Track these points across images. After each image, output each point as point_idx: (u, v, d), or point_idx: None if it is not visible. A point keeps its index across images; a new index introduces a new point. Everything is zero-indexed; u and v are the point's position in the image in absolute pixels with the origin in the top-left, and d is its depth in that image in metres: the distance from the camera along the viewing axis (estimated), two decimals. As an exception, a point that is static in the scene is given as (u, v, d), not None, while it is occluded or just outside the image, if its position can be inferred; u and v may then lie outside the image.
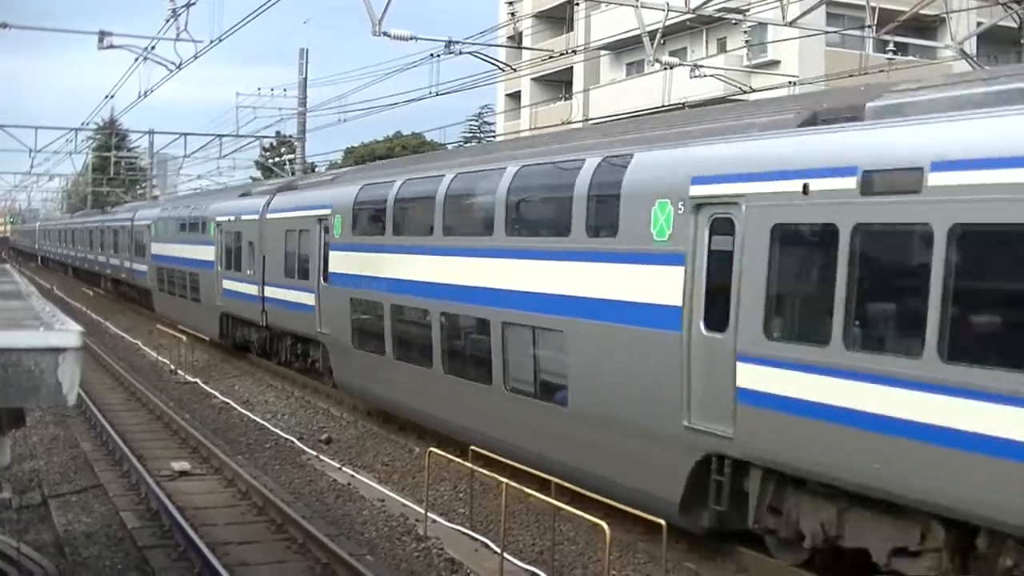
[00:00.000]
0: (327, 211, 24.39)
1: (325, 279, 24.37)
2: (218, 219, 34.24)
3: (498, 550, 13.76)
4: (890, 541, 11.16)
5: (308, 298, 25.68)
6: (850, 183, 11.11)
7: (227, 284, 32.93)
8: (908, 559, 11.01)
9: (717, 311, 12.67)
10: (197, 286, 36.13)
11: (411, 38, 23.57)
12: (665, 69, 27.43)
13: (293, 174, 46.58)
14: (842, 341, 11.08)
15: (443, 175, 19.52)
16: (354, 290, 22.43)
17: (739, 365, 12.22)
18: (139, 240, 47.56)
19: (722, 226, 12.79)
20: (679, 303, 13.11)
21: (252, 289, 30.26)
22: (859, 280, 11.07)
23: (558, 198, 16.01)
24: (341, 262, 23.25)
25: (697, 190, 13.03)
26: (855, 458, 10.97)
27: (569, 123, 47.84)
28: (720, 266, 12.70)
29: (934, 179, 10.31)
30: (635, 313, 13.90)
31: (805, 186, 11.63)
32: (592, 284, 14.79)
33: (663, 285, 13.41)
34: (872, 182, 10.94)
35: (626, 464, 14.18)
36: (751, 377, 12.12)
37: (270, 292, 28.90)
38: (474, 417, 17.91)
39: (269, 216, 29.43)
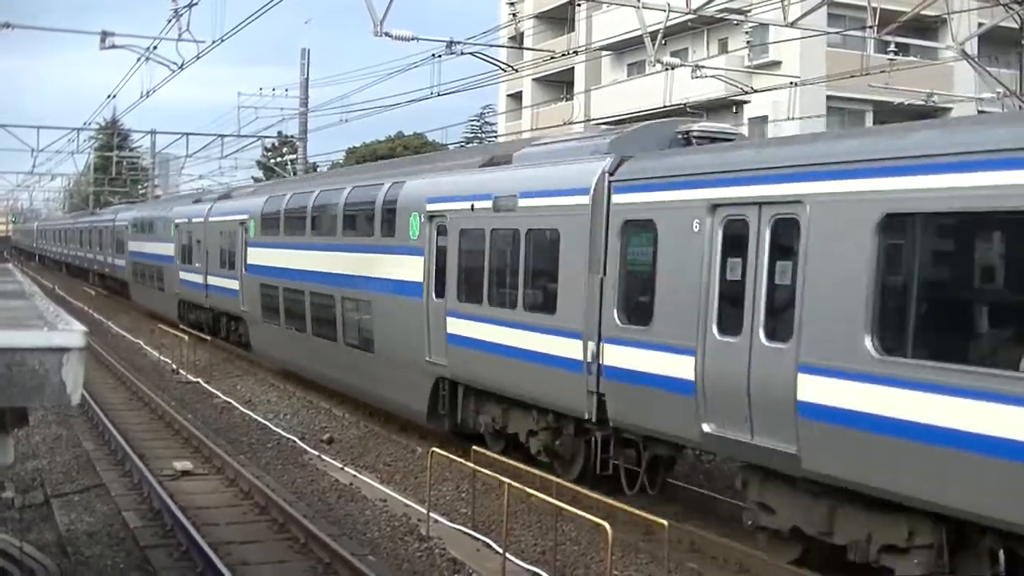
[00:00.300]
0: (246, 216, 30.86)
1: (245, 269, 30.86)
2: (176, 221, 40.58)
3: (500, 550, 13.77)
4: (527, 427, 17.48)
5: (234, 284, 32.18)
6: (489, 204, 17.94)
7: (182, 275, 39.16)
8: (535, 437, 17.30)
9: (440, 285, 19.36)
10: (162, 277, 42.70)
11: (412, 38, 23.60)
12: (666, 70, 27.45)
13: (295, 174, 46.75)
14: (487, 301, 17.96)
15: (313, 191, 26.26)
16: (262, 277, 29.03)
17: (448, 319, 18.91)
18: (119, 239, 53.68)
19: (441, 230, 19.46)
20: (421, 280, 19.87)
21: (199, 278, 36.67)
22: (495, 262, 17.90)
23: (368, 209, 22.45)
24: (254, 256, 29.93)
25: (429, 207, 19.86)
26: (497, 374, 17.66)
27: (571, 123, 47.88)
28: (441, 256, 19.41)
29: (521, 203, 17.23)
30: (403, 287, 20.58)
31: (472, 205, 18.43)
32: (383, 268, 21.39)
33: (415, 269, 20.10)
34: (498, 204, 17.71)
35: (402, 388, 20.77)
36: (453, 326, 18.79)
37: (211, 280, 35.29)
38: (329, 365, 24.72)
39: (210, 219, 35.70)
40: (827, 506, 12.20)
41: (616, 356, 14.91)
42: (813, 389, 11.76)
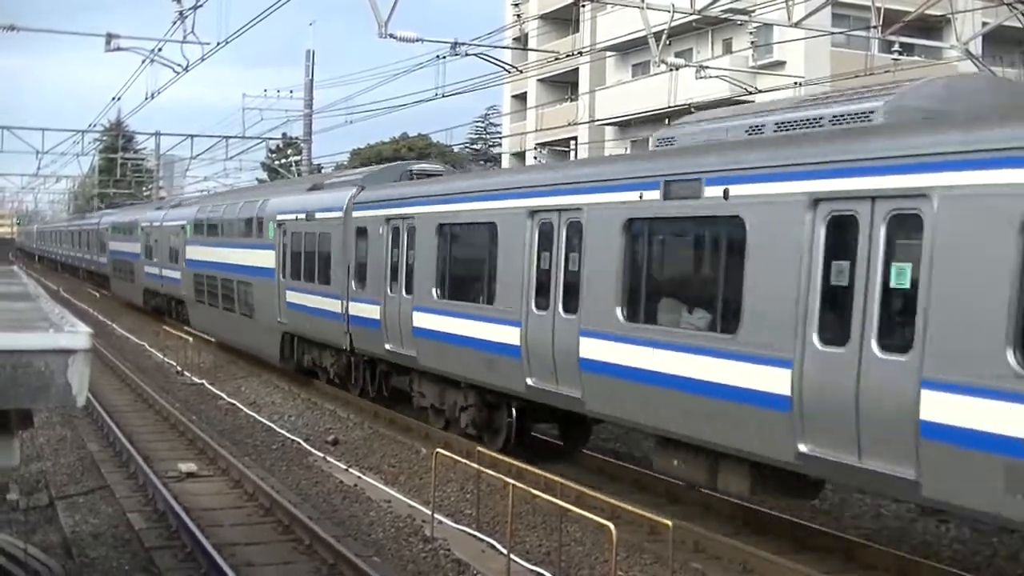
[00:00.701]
0: (186, 221, 39.71)
1: (184, 263, 39.45)
2: (142, 224, 49.42)
3: (505, 551, 13.77)
4: (328, 361, 26.46)
5: (178, 274, 40.78)
6: (304, 216, 26.71)
7: (146, 269, 47.62)
8: (332, 367, 26.29)
9: (283, 269, 28.16)
10: (132, 271, 50.99)
11: (417, 40, 23.59)
12: (671, 70, 27.46)
13: (299, 175, 46.80)
14: (303, 277, 26.62)
15: (224, 204, 35.59)
16: (194, 269, 37.74)
17: (287, 292, 27.72)
18: (102, 240, 62.16)
19: (284, 232, 28.15)
20: (275, 267, 28.64)
21: (157, 271, 45.39)
22: (306, 254, 26.45)
23: (250, 218, 31.24)
24: (189, 252, 38.61)
25: (278, 216, 28.64)
26: (308, 326, 26.50)
27: (575, 124, 47.84)
28: (283, 250, 28.23)
29: (316, 215, 25.98)
30: (266, 272, 29.22)
31: (296, 216, 27.20)
32: (257, 260, 30.10)
33: (271, 259, 28.89)
34: (308, 216, 26.39)
35: (267, 341, 29.60)
36: (290, 296, 27.64)
37: (164, 272, 43.87)
38: (232, 331, 33.78)
39: (164, 224, 44.39)
40: (439, 388, 20.81)
41: (354, 309, 23.77)
42: (418, 319, 20.64)
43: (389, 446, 21.14)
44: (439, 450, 16.82)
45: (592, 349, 15.50)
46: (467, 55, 26.10)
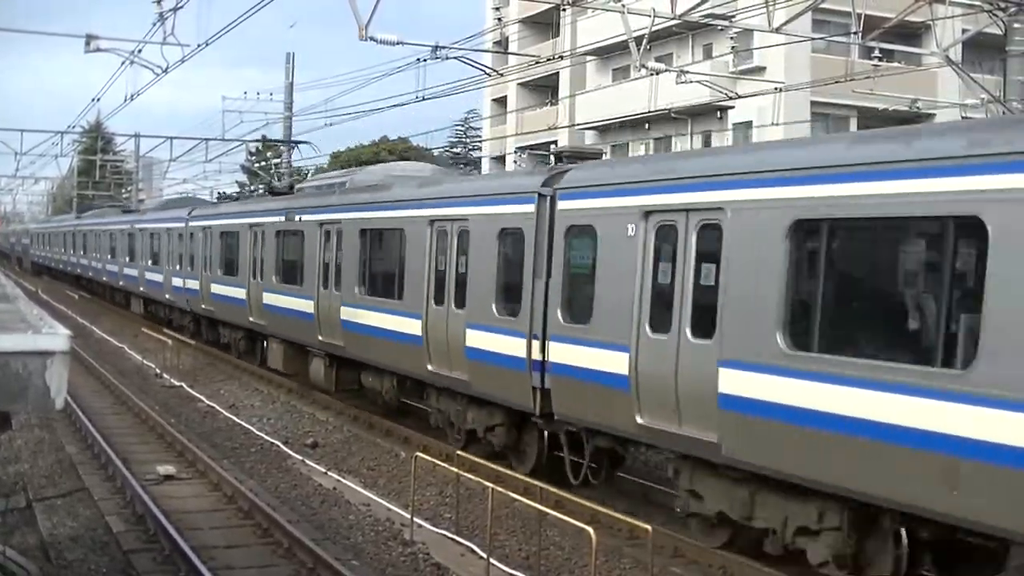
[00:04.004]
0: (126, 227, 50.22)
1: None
2: (85, 230, 61.90)
3: (484, 555, 13.76)
4: (184, 321, 39.45)
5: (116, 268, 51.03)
6: (169, 226, 39.81)
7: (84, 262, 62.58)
8: (185, 324, 39.30)
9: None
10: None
11: (397, 43, 23.50)
12: (651, 75, 27.49)
13: (279, 179, 46.74)
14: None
15: (141, 218, 47.73)
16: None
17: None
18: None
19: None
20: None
21: (97, 265, 56.54)
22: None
23: (160, 231, 41.70)
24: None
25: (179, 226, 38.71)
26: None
27: (555, 128, 47.87)
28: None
29: (168, 224, 40.48)
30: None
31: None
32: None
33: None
34: (170, 228, 39.60)
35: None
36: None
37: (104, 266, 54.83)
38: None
39: (100, 228, 55.66)
40: (230, 329, 33.02)
41: (188, 283, 35.61)
42: (216, 287, 32.63)
43: (368, 449, 21.10)
44: (418, 454, 16.80)
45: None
46: (448, 58, 26.03)
